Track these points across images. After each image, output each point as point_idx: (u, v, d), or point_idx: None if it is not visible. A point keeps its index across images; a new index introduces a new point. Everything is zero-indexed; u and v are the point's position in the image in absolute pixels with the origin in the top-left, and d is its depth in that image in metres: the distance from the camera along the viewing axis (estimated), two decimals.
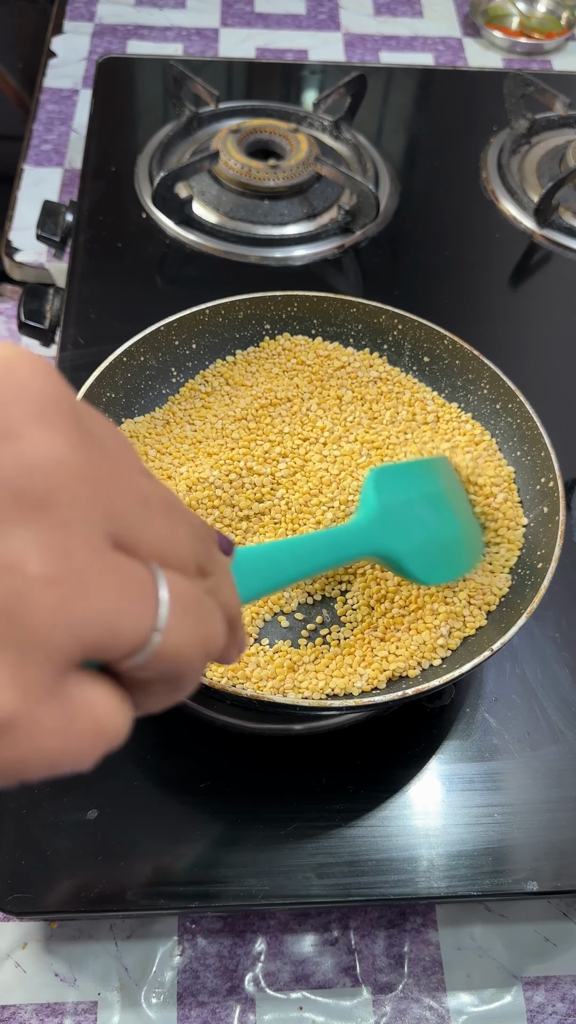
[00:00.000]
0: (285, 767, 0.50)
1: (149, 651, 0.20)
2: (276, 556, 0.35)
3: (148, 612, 0.20)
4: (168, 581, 0.21)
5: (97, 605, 0.19)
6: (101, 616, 0.19)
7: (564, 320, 0.75)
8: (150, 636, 0.20)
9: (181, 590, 0.21)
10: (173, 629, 0.20)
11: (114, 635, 0.19)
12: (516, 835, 0.49)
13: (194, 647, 0.21)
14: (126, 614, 0.19)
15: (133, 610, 0.20)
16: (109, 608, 0.19)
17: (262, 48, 1.03)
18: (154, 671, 0.21)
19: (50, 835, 0.47)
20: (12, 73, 1.19)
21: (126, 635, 0.19)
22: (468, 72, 0.97)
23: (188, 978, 0.49)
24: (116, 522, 0.20)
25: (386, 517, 0.42)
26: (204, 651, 0.22)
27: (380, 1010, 0.48)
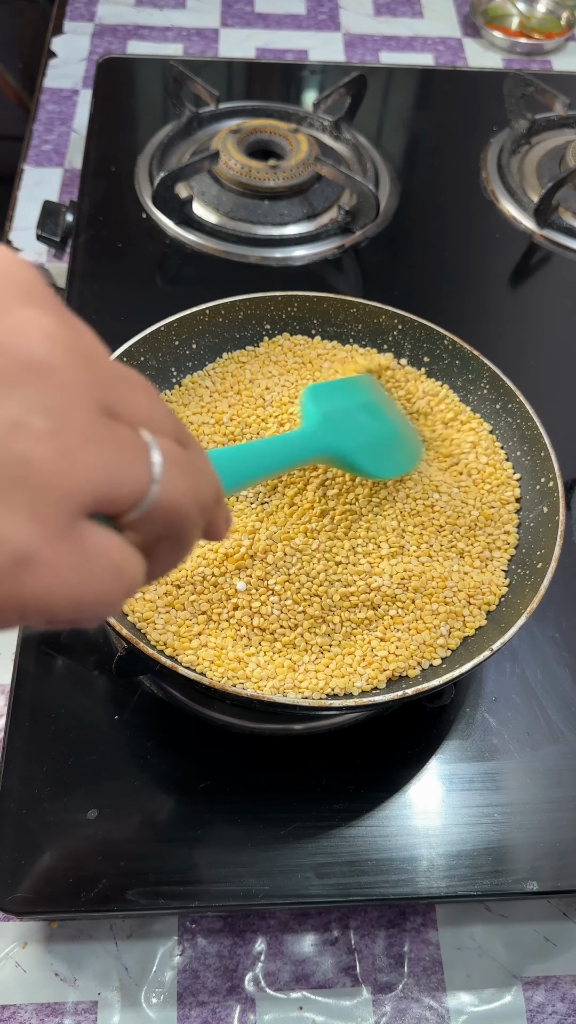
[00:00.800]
0: (285, 767, 0.50)
1: (150, 501, 0.22)
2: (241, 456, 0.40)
3: (145, 465, 0.22)
4: (159, 443, 0.23)
5: (98, 456, 0.20)
6: (103, 466, 0.21)
7: (564, 320, 0.75)
8: (149, 487, 0.22)
9: (171, 449, 0.23)
10: (168, 480, 0.22)
11: (118, 484, 0.21)
12: (516, 835, 0.49)
13: (189, 498, 0.23)
14: (126, 466, 0.21)
15: (131, 463, 0.22)
16: (109, 460, 0.21)
17: (262, 48, 1.03)
18: (156, 525, 0.23)
19: (50, 835, 0.47)
20: (12, 73, 1.19)
21: (128, 485, 0.21)
22: (468, 72, 0.97)
23: (188, 978, 0.49)
24: (104, 392, 0.22)
25: (328, 421, 0.46)
26: (198, 504, 0.24)
27: (380, 1010, 0.48)
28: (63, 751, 0.50)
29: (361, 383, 0.52)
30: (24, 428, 0.19)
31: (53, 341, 0.20)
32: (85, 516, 0.21)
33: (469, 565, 0.51)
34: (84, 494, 0.20)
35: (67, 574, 0.20)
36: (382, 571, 0.49)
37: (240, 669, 0.47)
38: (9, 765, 0.49)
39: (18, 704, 0.51)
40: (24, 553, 0.19)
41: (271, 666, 0.47)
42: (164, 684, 0.52)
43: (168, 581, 0.48)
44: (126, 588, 0.22)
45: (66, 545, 0.20)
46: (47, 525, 0.20)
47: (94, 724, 0.51)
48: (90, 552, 0.21)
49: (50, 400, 0.20)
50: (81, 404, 0.21)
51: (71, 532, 0.20)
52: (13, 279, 0.21)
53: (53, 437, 0.20)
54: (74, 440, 0.20)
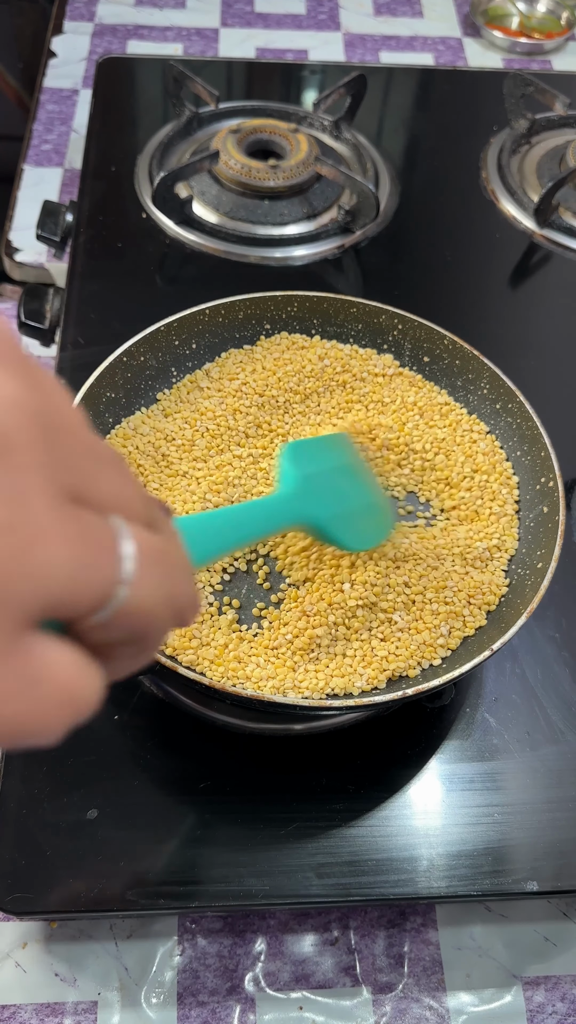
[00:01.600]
0: (285, 767, 0.50)
1: (114, 606, 0.19)
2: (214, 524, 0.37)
3: (111, 564, 0.19)
4: (132, 533, 0.20)
5: (58, 554, 0.17)
6: (62, 567, 0.17)
7: (564, 320, 0.75)
8: (114, 589, 0.19)
9: (146, 542, 0.20)
10: (139, 581, 0.19)
11: (77, 588, 0.18)
12: (516, 835, 0.49)
13: (161, 600, 0.20)
14: (89, 565, 0.18)
15: (96, 561, 0.18)
16: (71, 558, 0.18)
17: (262, 48, 1.03)
18: (120, 630, 0.20)
19: (50, 835, 0.47)
20: (12, 73, 1.19)
21: (90, 587, 0.18)
22: (468, 72, 0.97)
23: (188, 978, 0.49)
24: (71, 473, 0.19)
25: (307, 486, 0.44)
26: (172, 607, 0.21)
27: (380, 1010, 0.48)
28: (63, 751, 0.50)
29: (340, 442, 0.51)
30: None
31: (17, 412, 0.18)
32: (34, 626, 0.18)
33: (469, 565, 0.51)
34: (37, 601, 0.17)
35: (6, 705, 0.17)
36: (384, 572, 0.49)
37: (240, 669, 0.47)
38: (9, 765, 0.49)
39: None
40: None
41: (271, 666, 0.47)
42: (164, 684, 0.52)
43: None
44: (75, 715, 0.19)
45: (6, 668, 0.17)
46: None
47: (94, 724, 0.51)
48: (35, 675, 0.17)
49: (7, 485, 0.17)
50: (43, 490, 0.18)
51: (14, 651, 0.17)
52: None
53: (6, 532, 0.17)
54: (30, 535, 0.17)
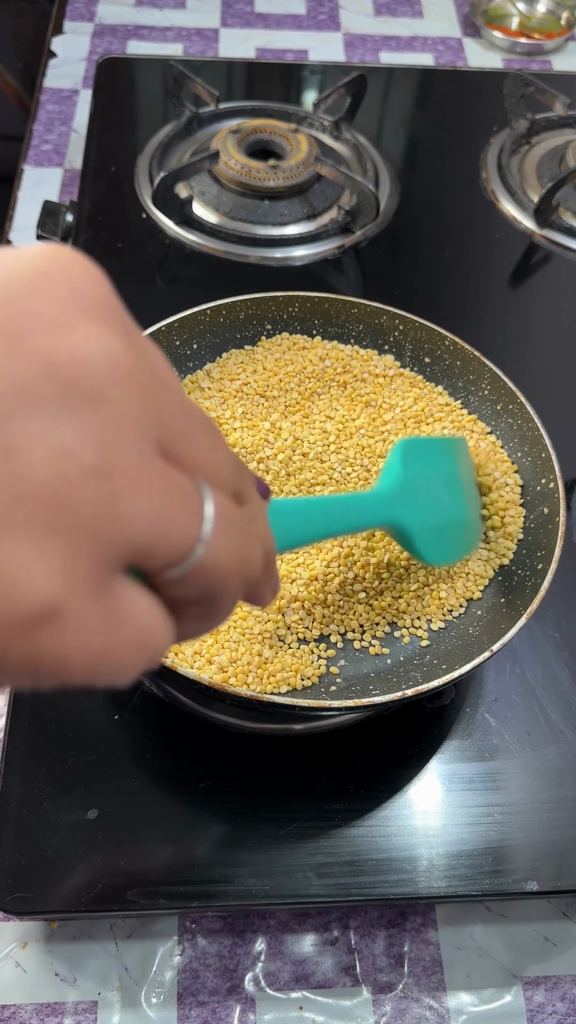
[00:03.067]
0: (285, 767, 0.50)
1: (192, 562, 0.20)
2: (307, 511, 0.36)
3: (194, 522, 0.20)
4: (214, 496, 0.20)
5: (146, 505, 0.18)
6: (149, 517, 0.18)
7: (564, 320, 0.75)
8: (194, 546, 0.20)
9: (224, 507, 0.21)
10: (216, 543, 0.20)
11: (161, 539, 0.19)
12: (516, 835, 0.49)
13: (234, 565, 0.21)
14: (173, 520, 0.19)
15: (180, 517, 0.19)
16: (157, 511, 0.18)
17: (262, 48, 1.03)
18: (194, 587, 0.20)
19: (50, 835, 0.47)
20: (12, 73, 1.19)
21: (172, 541, 0.19)
22: (468, 72, 0.97)
23: (188, 978, 0.49)
24: (163, 430, 0.19)
25: (408, 490, 0.43)
26: (242, 573, 0.22)
27: (380, 1010, 0.48)
28: (63, 751, 0.50)
29: (454, 448, 0.49)
30: (71, 461, 0.17)
31: (116, 367, 0.18)
32: (121, 571, 0.18)
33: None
34: (125, 546, 0.18)
35: (91, 638, 0.18)
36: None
37: (241, 671, 0.47)
38: (9, 765, 0.49)
39: (18, 704, 0.51)
40: (49, 608, 0.17)
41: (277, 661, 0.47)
42: (164, 684, 0.52)
43: None
44: (150, 658, 0.19)
45: (96, 604, 0.18)
46: (80, 579, 0.17)
47: (94, 724, 0.51)
48: (120, 615, 0.18)
49: (104, 434, 0.18)
50: (136, 443, 0.18)
51: (104, 589, 0.18)
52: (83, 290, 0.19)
53: (102, 478, 0.17)
54: (123, 484, 0.18)
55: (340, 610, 0.49)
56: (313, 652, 0.48)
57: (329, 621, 0.49)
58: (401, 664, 0.48)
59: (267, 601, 0.25)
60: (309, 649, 0.48)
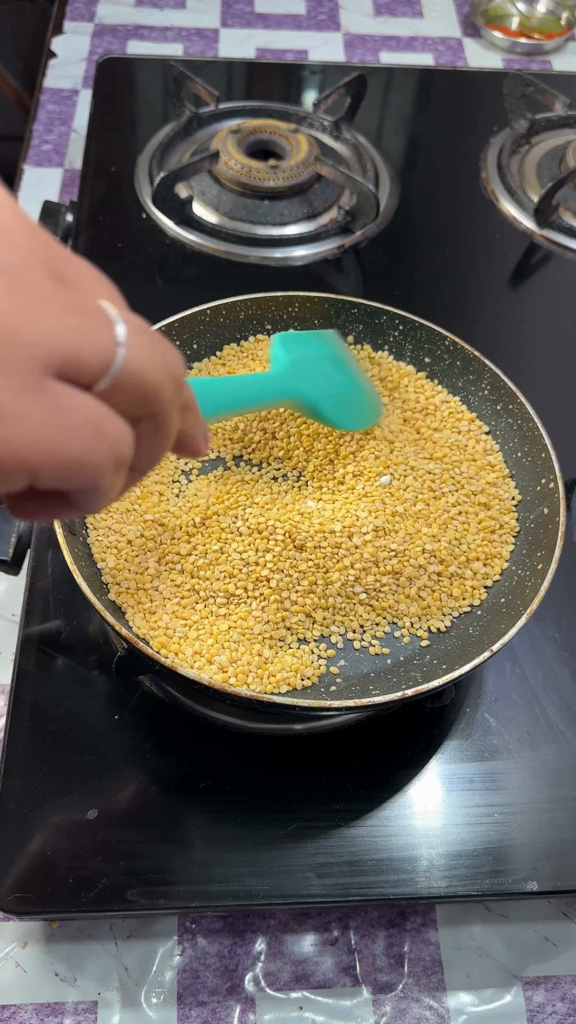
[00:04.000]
0: (285, 767, 0.50)
1: (117, 366, 0.22)
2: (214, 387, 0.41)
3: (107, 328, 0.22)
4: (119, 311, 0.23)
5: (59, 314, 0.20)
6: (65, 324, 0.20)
7: (564, 320, 0.75)
8: (115, 351, 0.22)
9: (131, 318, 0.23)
10: (134, 346, 0.22)
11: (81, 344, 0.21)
12: (516, 835, 0.49)
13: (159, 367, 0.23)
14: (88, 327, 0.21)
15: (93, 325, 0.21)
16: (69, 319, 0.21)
17: (262, 48, 1.03)
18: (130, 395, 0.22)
19: (50, 835, 0.47)
20: (12, 73, 1.19)
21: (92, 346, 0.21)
22: (468, 72, 0.97)
23: (188, 978, 0.49)
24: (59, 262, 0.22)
25: (297, 368, 0.48)
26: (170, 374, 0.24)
27: (380, 1010, 0.48)
28: (63, 751, 0.50)
29: (329, 338, 0.53)
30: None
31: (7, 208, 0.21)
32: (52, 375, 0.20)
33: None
34: (46, 348, 0.20)
35: (40, 425, 0.20)
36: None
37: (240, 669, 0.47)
38: (9, 765, 0.49)
39: (18, 704, 0.51)
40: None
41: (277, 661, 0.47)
42: (164, 684, 0.52)
43: (172, 581, 0.48)
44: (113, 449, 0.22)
45: (34, 396, 0.20)
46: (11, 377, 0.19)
47: (94, 724, 0.51)
48: (63, 406, 0.20)
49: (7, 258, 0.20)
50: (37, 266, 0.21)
51: (38, 385, 0.20)
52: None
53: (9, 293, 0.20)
54: (31, 297, 0.20)
55: (340, 611, 0.49)
56: (313, 652, 0.48)
57: (330, 623, 0.49)
58: (401, 664, 0.48)
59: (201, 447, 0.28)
60: (309, 649, 0.48)
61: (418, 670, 0.48)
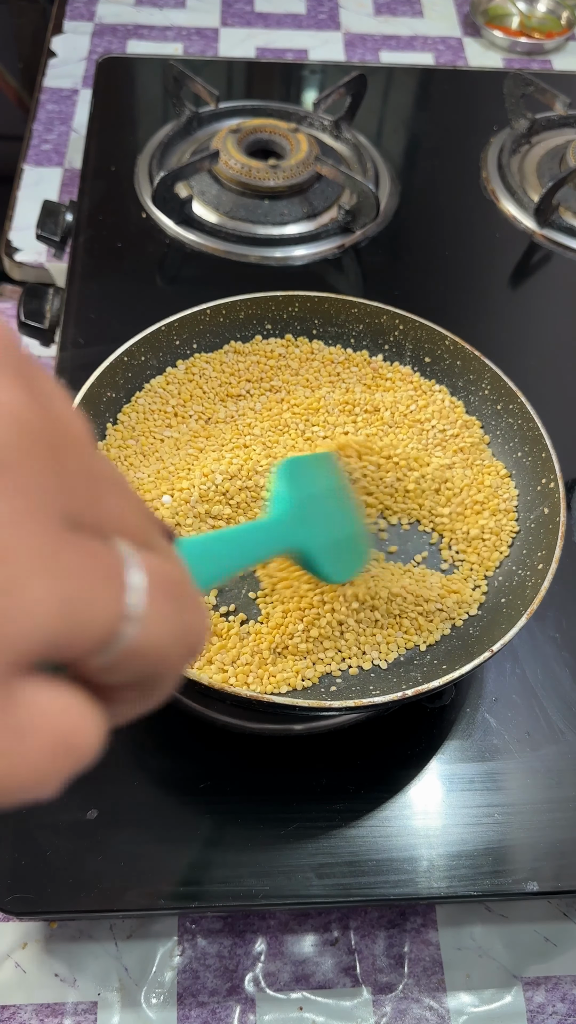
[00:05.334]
0: (285, 767, 0.50)
1: (120, 646, 0.17)
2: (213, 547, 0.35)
3: (115, 597, 0.17)
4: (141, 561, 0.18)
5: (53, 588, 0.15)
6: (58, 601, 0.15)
7: (564, 320, 0.75)
8: (120, 626, 0.17)
9: (157, 569, 0.18)
10: (151, 617, 0.17)
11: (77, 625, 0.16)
12: (516, 835, 0.49)
13: (174, 638, 0.18)
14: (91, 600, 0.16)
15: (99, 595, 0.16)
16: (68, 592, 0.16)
17: (262, 48, 1.03)
18: (127, 672, 0.18)
19: (50, 835, 0.47)
20: (12, 73, 1.19)
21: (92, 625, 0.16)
22: (468, 72, 0.97)
23: (188, 978, 0.49)
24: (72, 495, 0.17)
25: (301, 511, 0.43)
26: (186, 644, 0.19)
27: (380, 1010, 0.48)
28: None
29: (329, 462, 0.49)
30: None
31: (19, 427, 0.16)
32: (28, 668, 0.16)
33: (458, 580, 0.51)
34: (30, 643, 0.15)
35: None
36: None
37: (239, 670, 0.47)
38: None
39: None
40: None
41: (280, 663, 0.47)
42: None
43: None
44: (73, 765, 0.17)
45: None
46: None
47: None
48: (26, 725, 0.16)
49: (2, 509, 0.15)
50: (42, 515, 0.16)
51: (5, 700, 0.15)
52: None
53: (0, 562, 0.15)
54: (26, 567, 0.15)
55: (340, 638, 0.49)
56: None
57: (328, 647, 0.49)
58: (401, 664, 0.48)
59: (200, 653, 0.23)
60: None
61: (418, 670, 0.48)
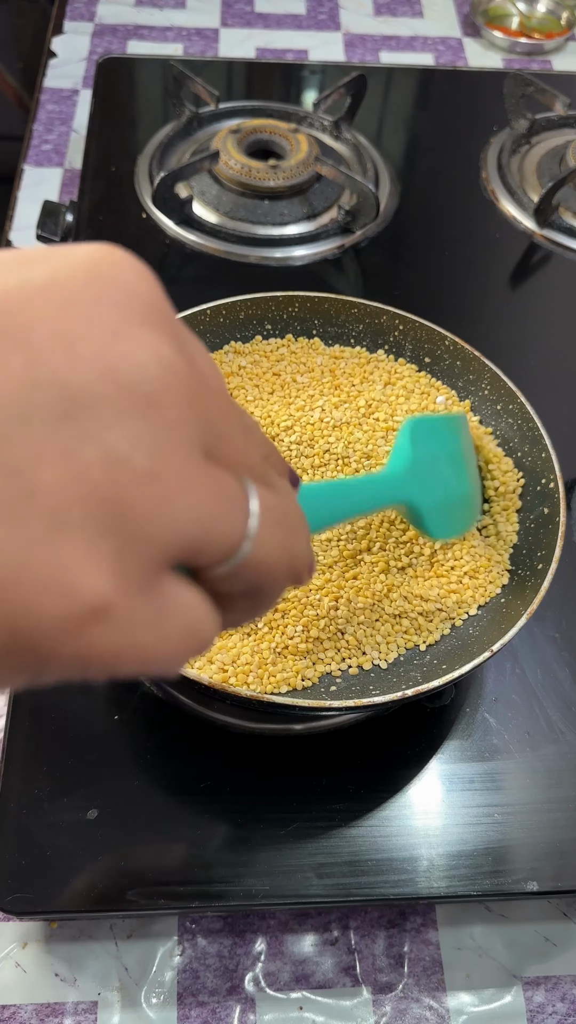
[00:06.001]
0: (285, 767, 0.50)
1: (239, 559, 0.20)
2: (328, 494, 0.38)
3: (241, 519, 0.20)
4: (259, 492, 0.21)
5: (195, 505, 0.19)
6: (198, 517, 0.19)
7: (564, 320, 0.75)
8: (241, 543, 0.20)
9: (270, 503, 0.21)
10: (263, 539, 0.21)
11: (209, 538, 0.19)
12: (516, 835, 0.49)
13: (281, 559, 0.22)
14: (221, 518, 0.20)
15: (227, 515, 0.20)
16: (205, 510, 0.19)
17: (262, 48, 1.03)
18: (240, 582, 0.21)
19: (50, 835, 0.47)
20: (12, 73, 1.19)
21: (220, 539, 0.20)
22: (468, 72, 0.97)
23: (188, 978, 0.49)
24: (208, 433, 0.20)
25: (418, 468, 0.44)
26: (289, 566, 0.22)
27: (380, 1010, 0.48)
28: (63, 751, 0.50)
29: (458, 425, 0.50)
30: (124, 465, 0.18)
31: (167, 372, 0.19)
32: (169, 569, 0.19)
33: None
34: (174, 546, 0.19)
35: (140, 633, 0.18)
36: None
37: (242, 669, 0.47)
38: (9, 765, 0.49)
39: (18, 704, 0.51)
40: (100, 607, 0.18)
41: (280, 663, 0.47)
42: (164, 684, 0.52)
43: None
44: (196, 649, 0.20)
45: (145, 601, 0.18)
46: (130, 578, 0.18)
47: (94, 724, 0.51)
48: (168, 610, 0.19)
49: (155, 438, 0.18)
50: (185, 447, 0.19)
51: (153, 587, 0.19)
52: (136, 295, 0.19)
53: (153, 481, 0.18)
54: (174, 486, 0.18)
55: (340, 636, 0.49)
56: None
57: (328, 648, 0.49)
58: (401, 664, 0.48)
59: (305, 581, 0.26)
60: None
61: (418, 670, 0.48)
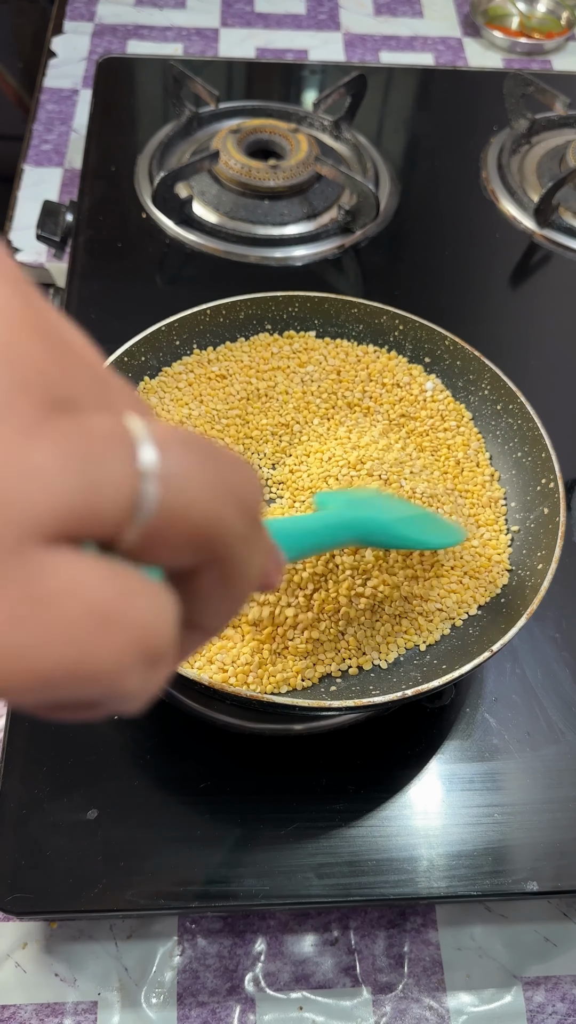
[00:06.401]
0: (285, 767, 0.50)
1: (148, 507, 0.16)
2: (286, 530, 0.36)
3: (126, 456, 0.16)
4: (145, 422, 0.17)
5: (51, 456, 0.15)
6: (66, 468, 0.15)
7: (564, 320, 0.75)
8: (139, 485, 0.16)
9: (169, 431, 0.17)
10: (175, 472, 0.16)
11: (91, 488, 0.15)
12: (516, 835, 0.49)
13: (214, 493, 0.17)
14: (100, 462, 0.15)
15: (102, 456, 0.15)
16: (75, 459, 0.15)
17: (262, 48, 1.03)
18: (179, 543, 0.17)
19: (50, 835, 0.47)
20: (12, 73, 1.19)
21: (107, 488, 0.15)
22: (468, 72, 0.97)
23: (188, 978, 0.49)
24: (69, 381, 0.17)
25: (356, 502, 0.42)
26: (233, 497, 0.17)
27: (380, 1010, 0.48)
28: (63, 751, 0.50)
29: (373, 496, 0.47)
30: None
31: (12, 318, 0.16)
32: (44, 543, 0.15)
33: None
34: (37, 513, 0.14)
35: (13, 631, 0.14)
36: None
37: (242, 669, 0.47)
38: (9, 765, 0.49)
39: None
40: None
41: (280, 662, 0.47)
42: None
43: None
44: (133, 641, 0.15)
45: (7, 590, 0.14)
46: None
47: (94, 724, 0.51)
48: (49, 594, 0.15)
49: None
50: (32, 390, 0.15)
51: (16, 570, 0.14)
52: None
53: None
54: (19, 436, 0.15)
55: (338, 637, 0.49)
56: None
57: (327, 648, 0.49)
58: (401, 664, 0.48)
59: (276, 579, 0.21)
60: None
61: (418, 670, 0.48)
